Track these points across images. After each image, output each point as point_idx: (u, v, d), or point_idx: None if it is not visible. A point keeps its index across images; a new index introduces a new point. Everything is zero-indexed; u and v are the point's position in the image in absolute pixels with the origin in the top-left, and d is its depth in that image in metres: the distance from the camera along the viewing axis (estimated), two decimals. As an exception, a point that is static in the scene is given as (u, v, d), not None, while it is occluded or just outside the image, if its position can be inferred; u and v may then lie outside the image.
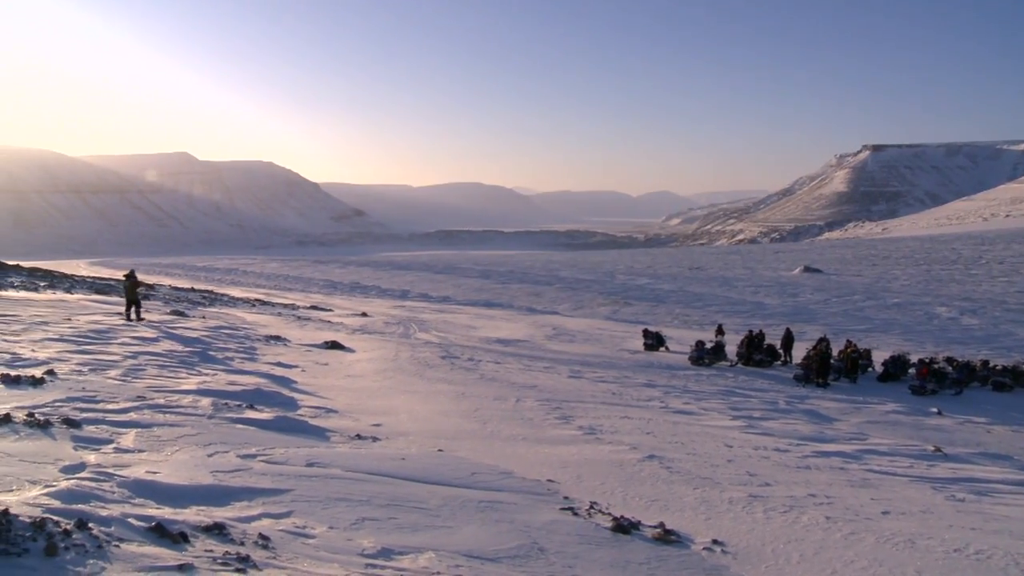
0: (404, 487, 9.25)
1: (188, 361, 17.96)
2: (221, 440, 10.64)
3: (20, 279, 38.39)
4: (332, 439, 12.01)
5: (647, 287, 65.32)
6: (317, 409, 14.38)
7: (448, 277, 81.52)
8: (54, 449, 8.84)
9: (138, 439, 10.09)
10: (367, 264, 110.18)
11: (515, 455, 12.34)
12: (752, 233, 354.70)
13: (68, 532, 5.76)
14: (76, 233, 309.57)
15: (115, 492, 7.48)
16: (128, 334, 20.72)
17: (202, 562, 5.91)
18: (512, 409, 16.49)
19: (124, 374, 15.01)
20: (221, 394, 14.04)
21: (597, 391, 20.16)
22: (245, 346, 22.42)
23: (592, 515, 9.22)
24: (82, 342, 18.50)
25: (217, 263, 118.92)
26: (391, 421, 14.03)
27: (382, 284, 76.05)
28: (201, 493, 8.04)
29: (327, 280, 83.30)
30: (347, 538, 7.30)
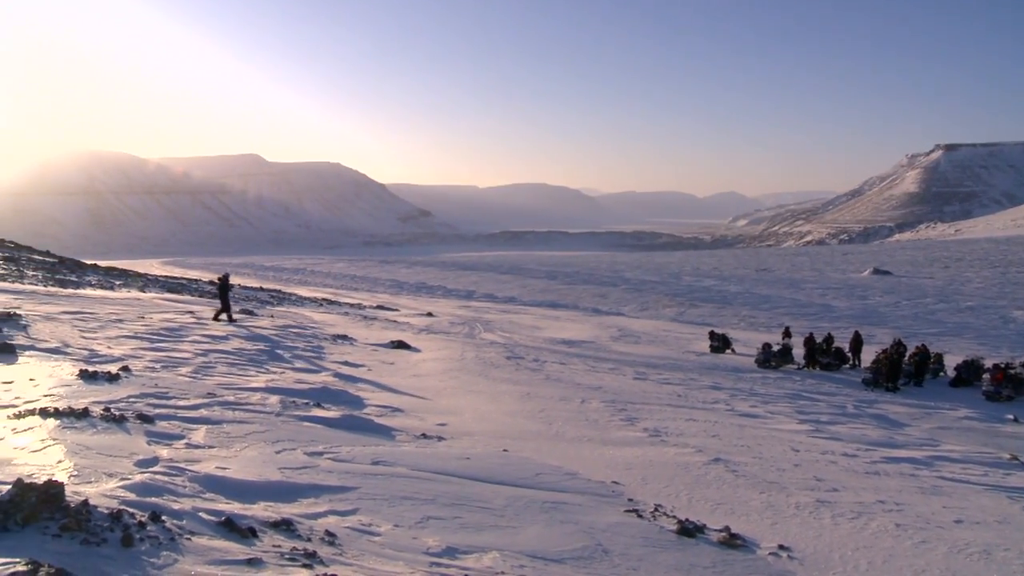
0: (469, 487, 9.28)
1: (257, 359, 18.21)
2: (289, 437, 10.78)
3: (97, 278, 39.28)
4: (397, 438, 12.08)
5: (713, 289, 64.82)
6: (383, 408, 14.48)
7: (514, 278, 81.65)
8: (129, 443, 9.04)
9: (208, 435, 10.27)
10: (433, 264, 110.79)
11: (580, 456, 12.31)
12: (820, 234, 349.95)
13: (143, 524, 5.88)
14: (149, 233, 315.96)
15: (186, 486, 7.61)
16: (199, 332, 21.08)
17: (270, 557, 5.99)
18: (577, 410, 16.46)
19: (195, 371, 15.29)
20: (289, 392, 14.22)
21: (662, 393, 20.03)
22: (312, 345, 22.67)
23: (657, 517, 9.17)
24: (155, 340, 18.88)
25: (285, 263, 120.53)
26: (456, 421, 14.08)
27: (448, 284, 76.45)
28: (269, 489, 8.15)
29: (393, 280, 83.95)
30: (412, 536, 7.35)
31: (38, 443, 8.26)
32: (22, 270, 34.73)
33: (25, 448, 8.03)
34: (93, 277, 39.47)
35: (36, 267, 37.96)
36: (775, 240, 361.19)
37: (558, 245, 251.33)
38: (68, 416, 9.61)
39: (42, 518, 5.46)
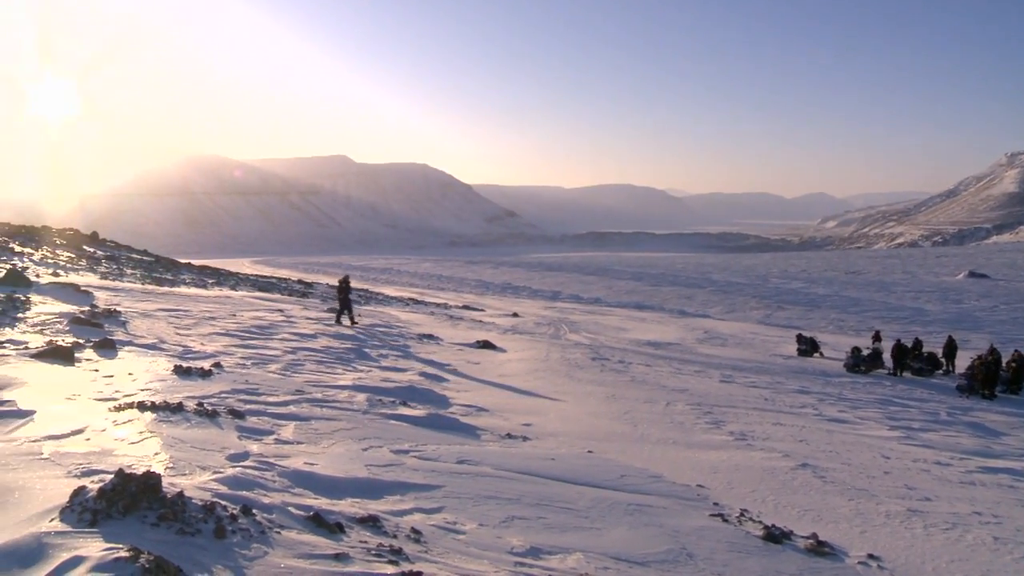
0: (553, 487, 9.30)
1: (344, 358, 18.47)
2: (375, 435, 10.92)
3: (191, 276, 40.27)
4: (483, 437, 12.16)
5: (801, 291, 63.82)
6: (468, 407, 14.58)
7: (599, 279, 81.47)
8: (220, 438, 9.26)
9: (297, 431, 10.47)
10: (519, 265, 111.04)
11: (665, 459, 12.24)
12: (913, 236, 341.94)
13: (235, 517, 6.02)
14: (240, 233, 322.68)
15: (276, 481, 7.77)
16: (288, 330, 21.47)
17: (357, 552, 6.07)
18: (662, 412, 16.36)
19: (284, 369, 15.58)
20: (376, 390, 14.41)
21: (749, 396, 19.79)
22: (399, 344, 22.92)
23: (742, 522, 9.06)
24: (246, 337, 19.30)
25: (372, 263, 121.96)
26: (541, 421, 14.10)
27: (533, 285, 76.58)
28: (356, 485, 8.27)
29: (479, 280, 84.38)
30: (497, 536, 7.40)
31: (136, 435, 8.52)
32: (122, 268, 35.78)
33: (125, 440, 8.29)
34: (187, 276, 40.46)
35: (134, 266, 39.07)
36: (865, 242, 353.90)
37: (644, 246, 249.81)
38: (164, 410, 9.89)
39: (141, 507, 5.63)
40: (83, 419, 9.08)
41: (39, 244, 37.07)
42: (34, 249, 33.66)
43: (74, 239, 44.30)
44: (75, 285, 23.24)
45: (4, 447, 7.77)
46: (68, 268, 30.43)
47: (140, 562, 4.57)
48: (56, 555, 4.77)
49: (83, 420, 9.02)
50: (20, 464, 7.16)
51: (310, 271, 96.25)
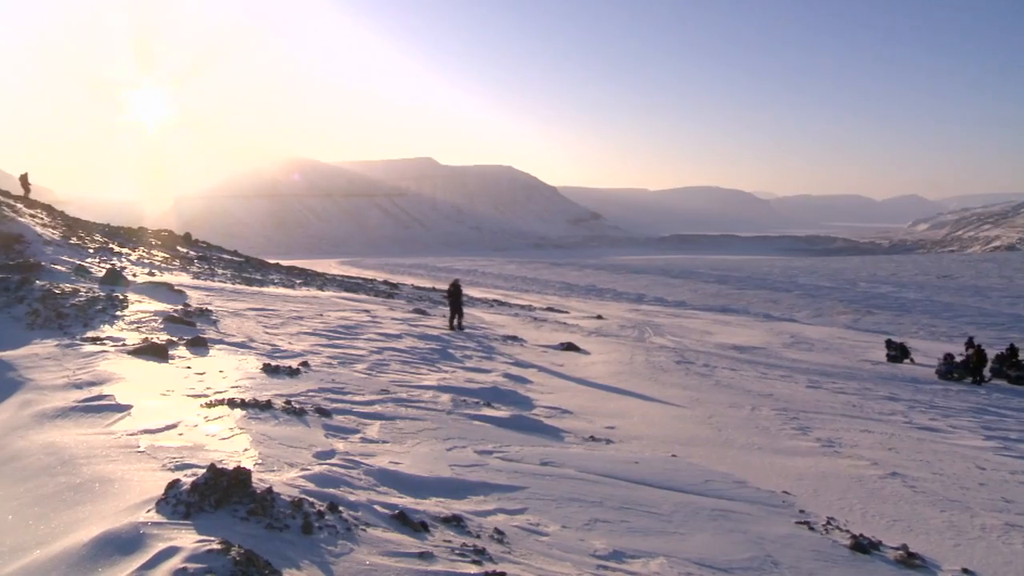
0: (637, 491, 9.26)
1: (429, 358, 18.63)
2: (459, 435, 11.01)
3: (279, 276, 41.01)
4: (566, 439, 12.16)
5: (891, 296, 62.49)
6: (552, 409, 14.59)
7: (684, 281, 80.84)
8: (308, 435, 9.43)
9: (382, 430, 10.62)
10: (603, 267, 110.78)
11: (749, 464, 12.08)
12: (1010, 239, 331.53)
13: (321, 513, 6.14)
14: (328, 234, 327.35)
15: (362, 479, 7.88)
16: (374, 330, 21.73)
17: (441, 551, 6.14)
18: (747, 417, 16.15)
19: (370, 368, 15.79)
20: (460, 391, 14.51)
21: (836, 402, 19.42)
22: (483, 345, 23.02)
23: (829, 531, 8.89)
24: (332, 337, 19.60)
25: (457, 264, 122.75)
26: (625, 424, 14.04)
27: (617, 287, 76.29)
28: (440, 485, 8.35)
29: (563, 282, 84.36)
30: (579, 538, 7.40)
31: (227, 431, 8.74)
32: (213, 269, 36.61)
33: (215, 435, 8.50)
34: (276, 276, 41.21)
35: (225, 266, 39.93)
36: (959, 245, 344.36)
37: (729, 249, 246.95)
38: (253, 407, 10.12)
39: (232, 502, 5.78)
40: (176, 414, 9.35)
41: (136, 245, 38.10)
42: (131, 249, 34.61)
43: (169, 240, 45.42)
44: (169, 284, 23.87)
45: (104, 439, 8.04)
46: (163, 268, 31.24)
47: (231, 555, 4.69)
48: (153, 545, 4.93)
49: (176, 415, 9.28)
50: (119, 456, 7.41)
51: (396, 272, 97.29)
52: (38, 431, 8.61)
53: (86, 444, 7.84)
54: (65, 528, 5.68)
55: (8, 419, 9.35)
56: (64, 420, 9.07)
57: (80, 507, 6.11)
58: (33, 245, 26.46)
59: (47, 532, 5.69)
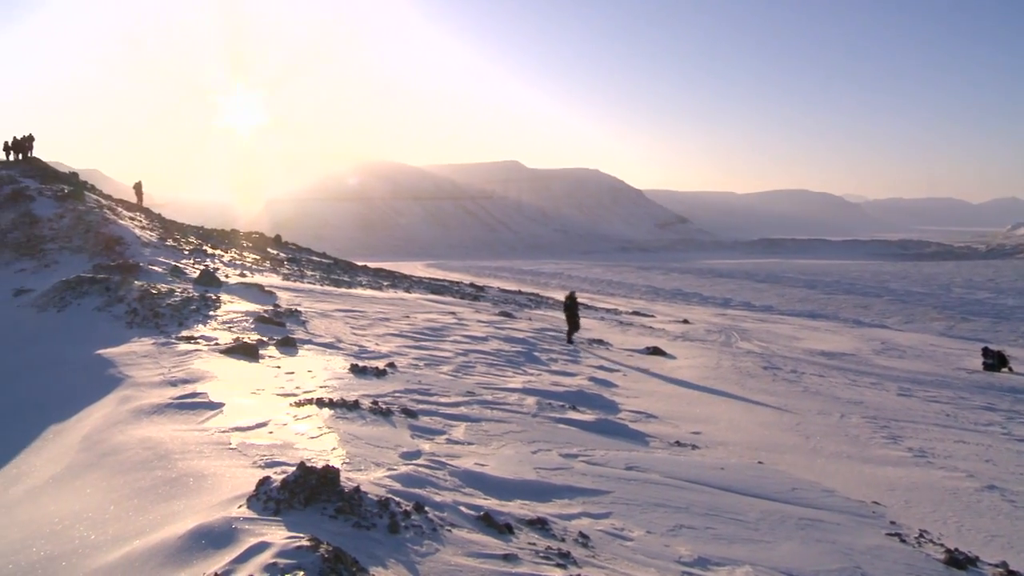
0: (722, 497, 9.17)
1: (514, 361, 18.68)
2: (544, 438, 11.03)
3: (367, 278, 41.52)
4: (651, 444, 12.08)
5: (988, 302, 60.77)
6: (637, 413, 14.51)
7: (771, 286, 79.78)
8: (394, 436, 9.54)
9: (468, 432, 10.69)
10: (689, 271, 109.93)
11: (838, 473, 11.86)
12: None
13: (408, 513, 6.21)
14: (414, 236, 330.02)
15: (447, 480, 7.95)
16: (459, 332, 21.86)
17: (525, 554, 6.15)
18: (836, 425, 15.85)
19: (455, 370, 15.90)
20: (545, 394, 14.52)
21: (929, 411, 18.93)
22: (568, 349, 23.00)
23: (922, 544, 8.66)
24: (419, 338, 19.79)
25: (543, 267, 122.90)
26: (710, 430, 13.90)
27: (704, 291, 75.59)
28: (525, 488, 8.38)
29: (649, 286, 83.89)
30: (664, 544, 7.35)
31: (315, 430, 8.89)
32: (302, 270, 37.23)
33: (304, 434, 8.66)
34: (363, 277, 41.73)
35: (314, 267, 40.58)
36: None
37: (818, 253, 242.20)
38: (341, 407, 10.28)
39: (320, 500, 5.88)
40: (266, 413, 9.55)
41: (229, 246, 38.97)
42: (224, 251, 35.39)
43: (260, 242, 46.31)
44: (260, 285, 24.37)
45: (198, 436, 8.26)
46: (254, 269, 31.87)
47: (320, 552, 4.78)
48: (244, 540, 5.05)
49: (266, 414, 9.48)
50: (211, 452, 7.60)
51: (481, 275, 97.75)
52: (136, 426, 8.88)
53: (180, 440, 8.06)
54: (162, 520, 5.85)
55: (109, 414, 9.66)
56: (160, 416, 9.34)
57: (175, 501, 6.29)
58: (132, 247, 27.28)
59: (145, 523, 5.87)
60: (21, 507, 7.17)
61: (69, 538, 5.89)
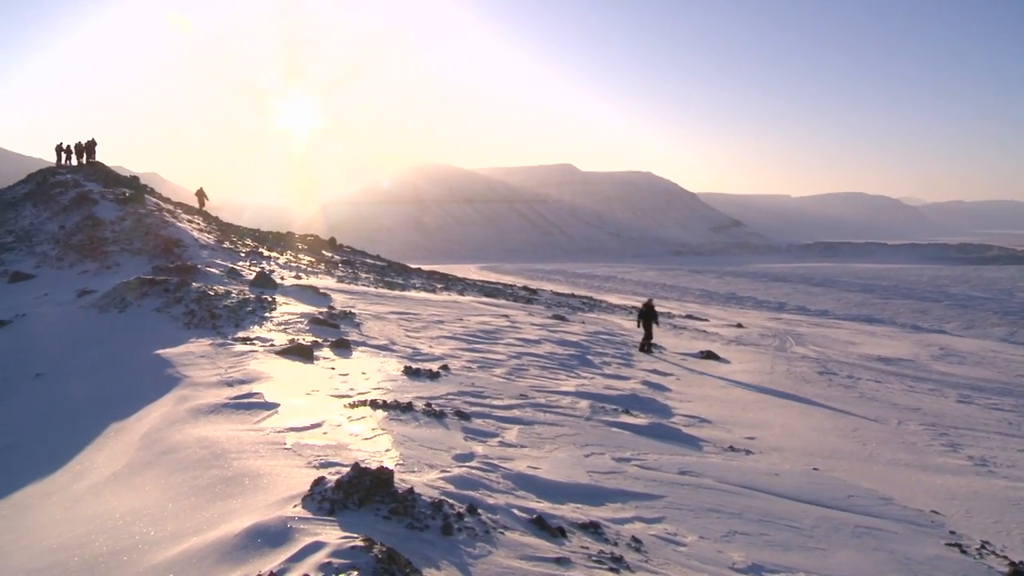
0: (776, 503, 9.08)
1: (567, 364, 18.66)
2: (597, 442, 11.01)
3: (420, 281, 41.71)
4: (704, 449, 12.01)
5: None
6: (690, 418, 14.43)
7: (826, 290, 78.91)
8: (447, 438, 9.59)
9: (521, 435, 10.70)
10: (743, 275, 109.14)
11: (895, 481, 11.68)
12: None
13: (461, 515, 6.23)
14: (468, 239, 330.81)
15: (500, 483, 7.96)
16: (512, 335, 21.89)
17: (578, 558, 6.15)
18: (893, 432, 15.62)
19: (508, 373, 15.92)
20: (598, 397, 14.50)
21: (990, 419, 18.57)
22: (622, 352, 22.93)
23: (983, 556, 8.46)
24: (472, 341, 19.84)
25: (596, 270, 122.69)
26: (765, 435, 13.78)
27: (758, 295, 74.89)
28: (577, 491, 8.37)
29: (703, 290, 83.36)
30: (718, 550, 7.31)
31: (369, 431, 8.97)
32: (356, 272, 37.51)
33: (358, 435, 8.74)
34: (417, 280, 41.92)
35: (368, 270, 40.86)
36: None
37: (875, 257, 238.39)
38: (394, 409, 10.36)
39: (374, 501, 5.93)
40: (321, 414, 9.64)
41: (284, 249, 39.37)
42: (280, 253, 35.78)
43: (315, 244, 46.72)
44: (315, 288, 24.59)
45: (253, 435, 8.36)
46: (309, 271, 32.17)
47: (374, 552, 4.81)
48: (299, 539, 5.10)
49: (321, 415, 9.58)
50: (267, 452, 7.69)
51: (535, 278, 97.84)
52: (193, 425, 9.02)
53: (237, 440, 8.17)
54: (218, 518, 5.94)
55: (167, 413, 9.82)
56: (216, 416, 9.48)
57: (231, 499, 6.38)
58: (190, 249, 27.69)
59: (202, 521, 5.96)
60: (84, 502, 7.33)
61: (130, 533, 6.01)
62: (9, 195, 46.63)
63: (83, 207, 35.48)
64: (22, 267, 28.05)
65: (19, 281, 26.22)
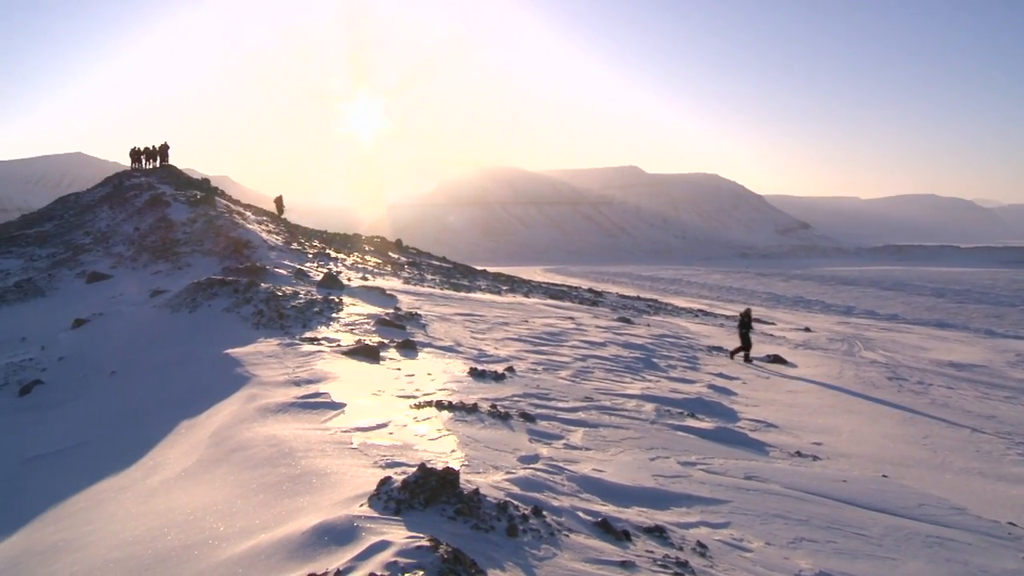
0: (844, 511, 8.94)
1: (633, 367, 18.58)
2: (662, 445, 10.94)
3: (486, 283, 41.83)
4: (771, 454, 11.87)
5: None
6: (757, 422, 14.28)
7: (897, 294, 77.53)
8: (512, 439, 9.61)
9: (585, 437, 10.68)
10: (811, 278, 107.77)
11: (968, 490, 11.42)
12: None
13: (526, 517, 6.24)
14: (533, 241, 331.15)
15: (565, 485, 7.96)
16: (578, 337, 21.86)
17: (643, 562, 6.12)
18: (966, 440, 15.28)
19: (573, 375, 15.91)
20: (663, 400, 14.41)
21: (1070, 428, 18.11)
22: (687, 355, 22.77)
23: (1066, 570, 8.25)
24: (537, 343, 19.85)
25: (661, 273, 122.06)
26: (832, 440, 13.58)
27: (826, 299, 73.84)
28: (642, 495, 8.33)
29: (769, 293, 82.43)
30: (784, 556, 7.22)
31: (435, 432, 9.03)
32: (423, 274, 37.75)
33: (424, 436, 8.80)
34: (482, 282, 42.04)
35: (434, 271, 41.10)
36: None
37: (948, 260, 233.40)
38: (460, 410, 10.41)
39: (440, 501, 5.97)
40: (387, 414, 9.74)
41: (351, 250, 39.77)
42: (347, 255, 36.14)
43: (381, 246, 47.11)
44: (381, 289, 24.81)
45: (320, 435, 8.47)
46: (375, 273, 32.46)
47: (439, 552, 4.84)
48: (365, 538, 5.16)
49: (387, 415, 9.67)
50: (333, 451, 7.78)
51: (600, 280, 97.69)
52: (262, 424, 9.16)
53: (304, 439, 8.28)
54: (286, 516, 6.03)
55: (236, 411, 9.99)
56: (284, 415, 9.62)
57: (299, 497, 6.46)
58: (259, 250, 28.12)
59: (270, 518, 6.06)
60: (157, 497, 7.48)
61: (200, 529, 6.12)
62: (87, 198, 47.95)
63: (156, 209, 36.28)
64: (99, 267, 28.82)
65: (96, 281, 26.96)
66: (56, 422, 12.73)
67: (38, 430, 12.37)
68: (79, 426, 12.17)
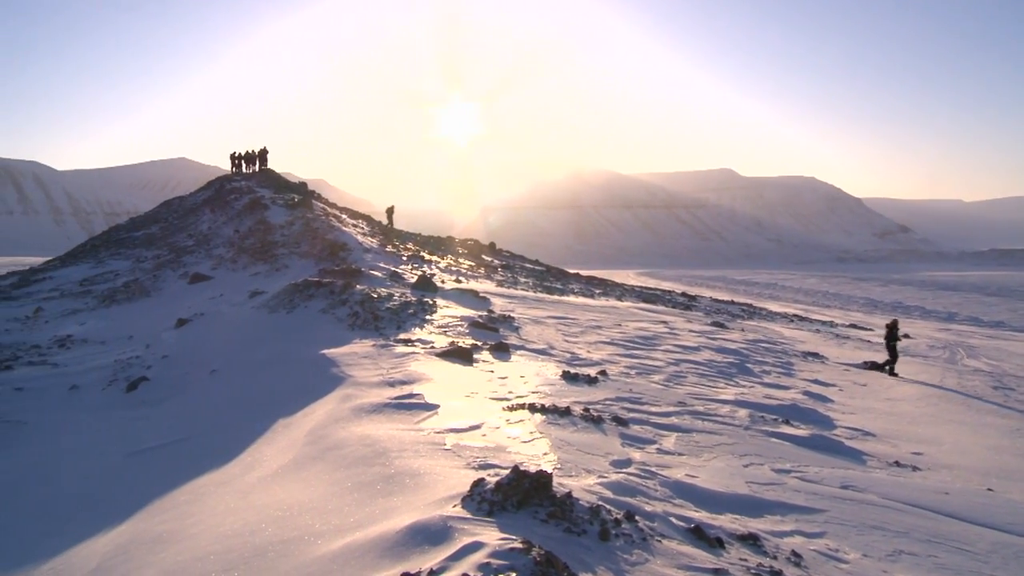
0: (946, 524, 8.68)
1: (726, 372, 18.37)
2: (756, 452, 10.79)
3: (579, 286, 41.77)
4: (868, 463, 11.61)
5: None
6: (853, 431, 13.98)
7: (1002, 300, 75.05)
8: (604, 443, 9.58)
9: (678, 442, 10.60)
10: (909, 283, 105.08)
11: (1080, 505, 11.01)
12: None
13: (618, 521, 6.22)
14: (626, 245, 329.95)
15: (657, 490, 7.91)
16: (671, 342, 21.69)
17: (736, 570, 6.04)
18: (1077, 453, 14.74)
19: (667, 380, 15.79)
20: (757, 406, 14.22)
21: None
22: (782, 361, 22.42)
23: None
24: (630, 347, 19.75)
25: (756, 277, 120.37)
26: (933, 451, 13.22)
27: (926, 305, 71.83)
28: (736, 501, 8.23)
29: (867, 298, 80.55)
30: (882, 569, 7.05)
31: (527, 435, 9.05)
32: (515, 277, 37.86)
33: (517, 438, 8.83)
34: (575, 285, 41.99)
35: (527, 275, 41.17)
36: None
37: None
38: (552, 413, 10.42)
39: (533, 504, 5.98)
40: (479, 416, 9.79)
41: (445, 253, 40.10)
42: (440, 257, 36.45)
43: (474, 248, 47.36)
44: (474, 291, 24.96)
45: (414, 435, 8.56)
46: (469, 275, 32.66)
47: (532, 555, 4.85)
48: (459, 538, 5.20)
49: (480, 417, 9.73)
50: (427, 452, 7.86)
51: (693, 284, 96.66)
52: (356, 424, 9.30)
53: (398, 439, 8.38)
54: (380, 515, 6.11)
55: (332, 411, 10.16)
56: (378, 415, 9.75)
57: (392, 497, 6.54)
58: (355, 252, 28.54)
59: (364, 516, 6.15)
60: (255, 493, 7.65)
61: (296, 525, 6.25)
62: (190, 201, 49.37)
63: (255, 212, 37.13)
64: (201, 269, 29.62)
65: (198, 282, 27.72)
66: (160, 418, 13.11)
67: (143, 425, 12.77)
68: (181, 422, 12.53)
